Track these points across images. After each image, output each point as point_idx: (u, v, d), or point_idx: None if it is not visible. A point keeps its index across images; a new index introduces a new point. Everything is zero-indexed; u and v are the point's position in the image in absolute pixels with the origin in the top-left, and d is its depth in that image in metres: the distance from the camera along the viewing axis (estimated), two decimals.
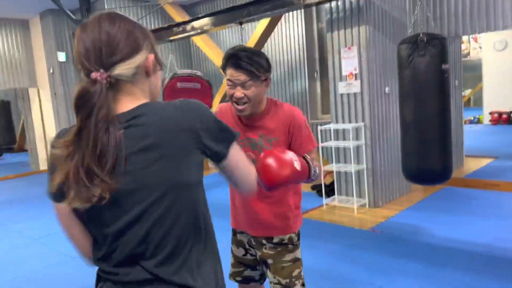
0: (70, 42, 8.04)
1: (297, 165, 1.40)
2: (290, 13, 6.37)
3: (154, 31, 5.98)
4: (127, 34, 0.92)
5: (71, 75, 8.10)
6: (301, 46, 6.56)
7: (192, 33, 5.49)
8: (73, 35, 7.95)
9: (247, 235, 1.80)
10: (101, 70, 0.88)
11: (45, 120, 8.73)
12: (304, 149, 1.64)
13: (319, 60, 6.54)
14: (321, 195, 4.95)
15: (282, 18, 6.29)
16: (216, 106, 6.81)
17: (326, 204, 4.83)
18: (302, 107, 6.67)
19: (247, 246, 1.82)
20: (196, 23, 5.38)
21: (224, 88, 6.43)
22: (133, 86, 0.94)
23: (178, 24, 5.57)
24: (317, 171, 1.55)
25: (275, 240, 1.73)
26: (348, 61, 4.60)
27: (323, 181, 4.89)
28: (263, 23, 5.61)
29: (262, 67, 1.57)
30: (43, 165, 9.02)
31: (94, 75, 0.87)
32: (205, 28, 5.31)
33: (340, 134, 4.80)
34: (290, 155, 1.41)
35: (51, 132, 8.53)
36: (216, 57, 6.49)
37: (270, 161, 1.36)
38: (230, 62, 1.56)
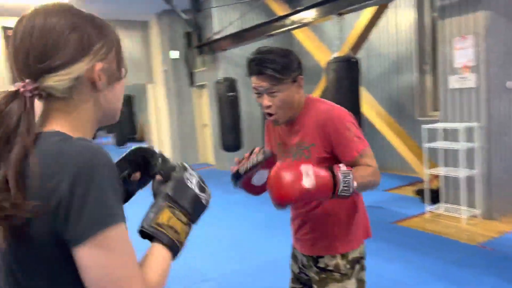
0: (182, 40, 8.56)
1: (308, 182, 1.19)
2: (399, 0, 5.87)
3: (255, 27, 6.03)
4: (68, 33, 0.69)
5: (183, 72, 8.64)
6: (411, 37, 6.02)
7: (291, 27, 5.40)
8: (185, 34, 8.46)
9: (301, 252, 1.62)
10: (27, 80, 0.68)
11: (159, 113, 9.48)
12: (347, 155, 1.38)
13: (432, 52, 5.93)
14: (424, 201, 4.48)
15: (390, 6, 5.83)
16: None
17: (430, 212, 4.35)
18: (409, 103, 6.14)
19: (300, 265, 1.64)
20: (295, 17, 5.28)
21: (321, 85, 6.22)
22: (69, 104, 0.72)
23: (277, 19, 5.53)
24: (353, 186, 1.24)
25: (320, 264, 1.50)
26: (462, 52, 4.06)
27: (428, 185, 4.42)
28: (368, 12, 5.26)
29: (286, 68, 1.37)
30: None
31: (16, 85, 0.68)
32: (304, 21, 5.18)
33: (449, 134, 4.27)
34: (299, 171, 1.20)
35: (165, 124, 9.23)
36: (316, 50, 6.30)
37: (274, 178, 1.22)
38: (251, 68, 1.40)
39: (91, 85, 0.74)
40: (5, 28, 7.73)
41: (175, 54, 8.52)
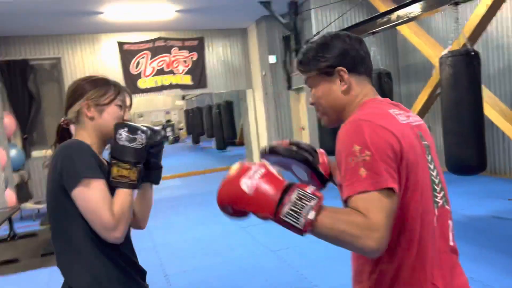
0: (280, 45, 8.59)
1: (246, 183, 0.95)
2: None
3: (355, 25, 5.78)
4: (72, 91, 1.33)
5: (280, 76, 8.66)
6: None
7: (397, 22, 5.05)
8: (283, 38, 8.48)
9: None
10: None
11: (258, 117, 9.62)
12: (343, 191, 0.97)
13: None
14: None
15: None
16: (420, 103, 6.02)
17: None
18: None
19: None
20: (401, 11, 4.93)
21: (432, 82, 5.73)
22: (79, 126, 1.32)
23: (382, 15, 5.22)
24: (308, 217, 0.89)
25: None
26: None
27: None
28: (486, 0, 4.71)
29: (312, 57, 1.13)
30: (256, 158, 9.99)
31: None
32: (411, 15, 4.80)
33: None
34: (246, 168, 0.97)
35: (262, 129, 9.34)
36: (425, 45, 5.83)
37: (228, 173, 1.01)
38: None
39: (86, 116, 1.32)
40: (121, 43, 8.48)
41: (272, 59, 8.58)
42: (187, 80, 8.98)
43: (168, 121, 21.31)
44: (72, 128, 1.35)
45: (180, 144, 20.30)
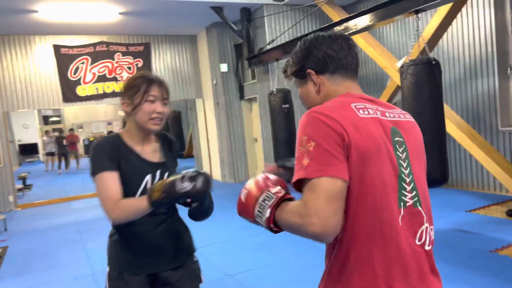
0: (231, 53, 8.30)
1: (243, 193, 1.11)
2: None
3: (311, 33, 5.61)
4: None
5: (232, 85, 8.34)
6: (489, 38, 5.38)
7: (354, 30, 4.93)
8: (235, 46, 8.20)
9: None
10: None
11: (209, 128, 9.22)
12: (293, 178, 1.02)
13: None
14: None
15: (466, 4, 5.24)
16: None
17: None
18: (489, 111, 5.46)
19: None
20: (359, 20, 4.81)
21: (387, 92, 5.68)
22: (127, 119, 1.64)
23: (340, 22, 5.08)
24: (266, 214, 1.02)
25: None
26: None
27: None
28: (442, 11, 4.70)
29: (292, 59, 1.22)
30: (206, 170, 9.55)
31: None
32: (370, 23, 4.69)
33: None
34: (250, 182, 1.12)
35: (213, 140, 8.94)
36: (380, 56, 5.78)
37: None
38: None
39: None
40: (57, 47, 7.77)
41: (224, 67, 8.25)
42: None
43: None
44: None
45: None
